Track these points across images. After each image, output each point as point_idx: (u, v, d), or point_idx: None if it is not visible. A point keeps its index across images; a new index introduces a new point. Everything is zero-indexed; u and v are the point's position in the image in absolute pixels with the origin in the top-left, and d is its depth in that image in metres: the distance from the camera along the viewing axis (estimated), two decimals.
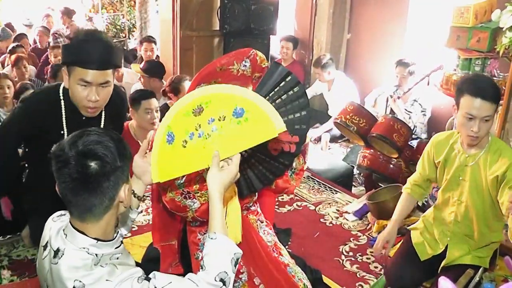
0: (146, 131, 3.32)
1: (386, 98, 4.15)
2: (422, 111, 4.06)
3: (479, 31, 3.06)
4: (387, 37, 4.83)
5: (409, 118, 4.01)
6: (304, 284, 1.92)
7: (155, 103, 3.35)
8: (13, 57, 4.87)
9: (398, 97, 4.08)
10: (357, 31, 5.25)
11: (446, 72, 3.32)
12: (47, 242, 1.36)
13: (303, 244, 3.06)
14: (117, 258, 1.33)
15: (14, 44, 5.53)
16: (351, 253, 3.00)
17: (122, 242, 1.40)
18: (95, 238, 1.28)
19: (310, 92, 5.21)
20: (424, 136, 4.09)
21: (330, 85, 4.94)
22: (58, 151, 1.24)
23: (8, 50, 5.44)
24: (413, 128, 3.95)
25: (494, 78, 3.01)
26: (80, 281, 1.22)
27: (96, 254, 1.27)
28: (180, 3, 4.64)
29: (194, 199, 1.75)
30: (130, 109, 3.35)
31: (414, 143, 3.70)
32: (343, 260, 2.92)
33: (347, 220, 3.40)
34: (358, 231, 3.27)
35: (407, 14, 4.66)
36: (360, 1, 5.15)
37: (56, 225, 1.37)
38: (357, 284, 2.71)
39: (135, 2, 7.33)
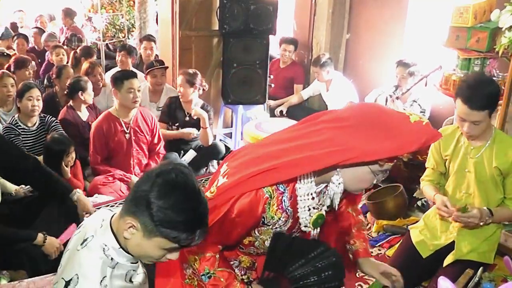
0: (129, 109, 3.54)
1: (385, 98, 4.14)
2: (421, 112, 4.04)
3: (478, 31, 3.06)
4: (387, 37, 4.82)
5: None
6: None
7: (137, 83, 3.51)
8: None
9: (397, 98, 4.07)
10: (357, 31, 5.25)
11: (445, 72, 3.32)
12: (82, 225, 1.40)
13: None
14: (131, 280, 1.35)
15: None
16: None
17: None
18: (119, 245, 1.30)
19: (308, 91, 5.21)
20: None
21: (328, 85, 4.93)
22: (164, 164, 1.31)
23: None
24: None
25: (493, 78, 3.01)
26: (78, 276, 1.25)
27: (112, 258, 1.29)
28: (179, 3, 4.62)
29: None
30: (113, 89, 3.52)
31: None
32: None
33: None
34: None
35: (406, 14, 4.66)
36: (360, 1, 5.14)
37: (106, 214, 1.38)
38: (356, 284, 2.71)
39: (134, 2, 7.31)
